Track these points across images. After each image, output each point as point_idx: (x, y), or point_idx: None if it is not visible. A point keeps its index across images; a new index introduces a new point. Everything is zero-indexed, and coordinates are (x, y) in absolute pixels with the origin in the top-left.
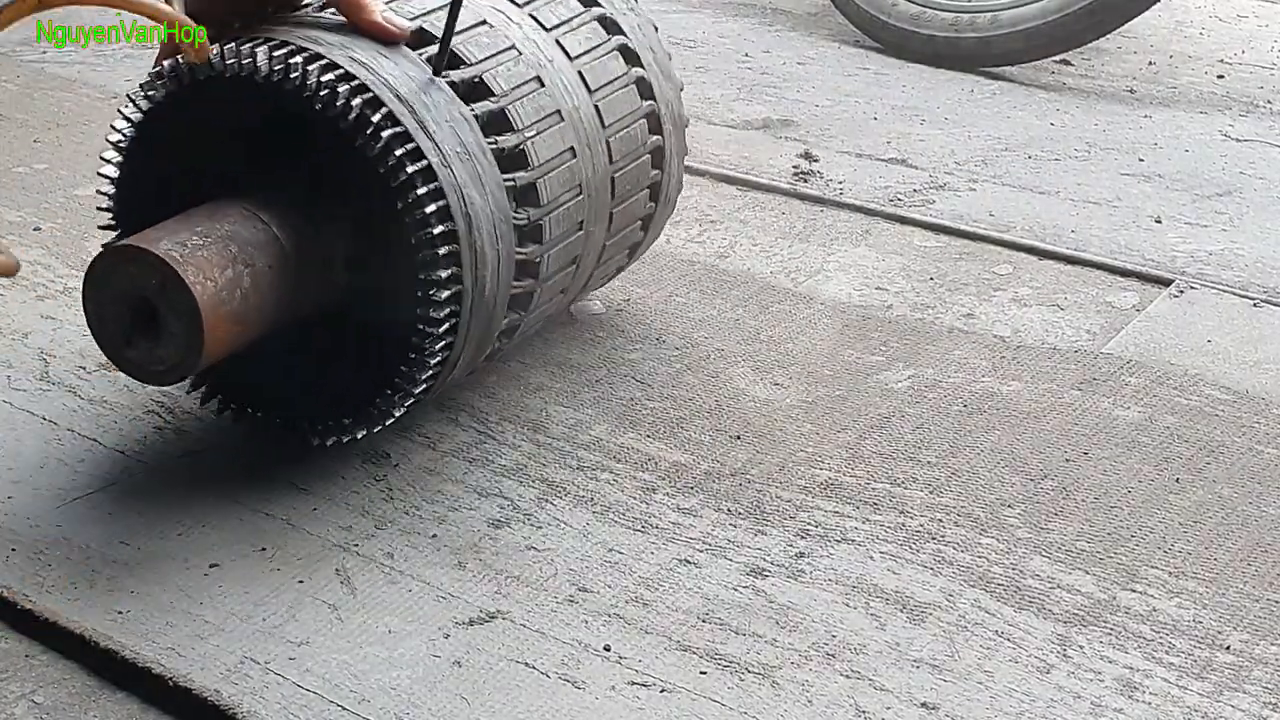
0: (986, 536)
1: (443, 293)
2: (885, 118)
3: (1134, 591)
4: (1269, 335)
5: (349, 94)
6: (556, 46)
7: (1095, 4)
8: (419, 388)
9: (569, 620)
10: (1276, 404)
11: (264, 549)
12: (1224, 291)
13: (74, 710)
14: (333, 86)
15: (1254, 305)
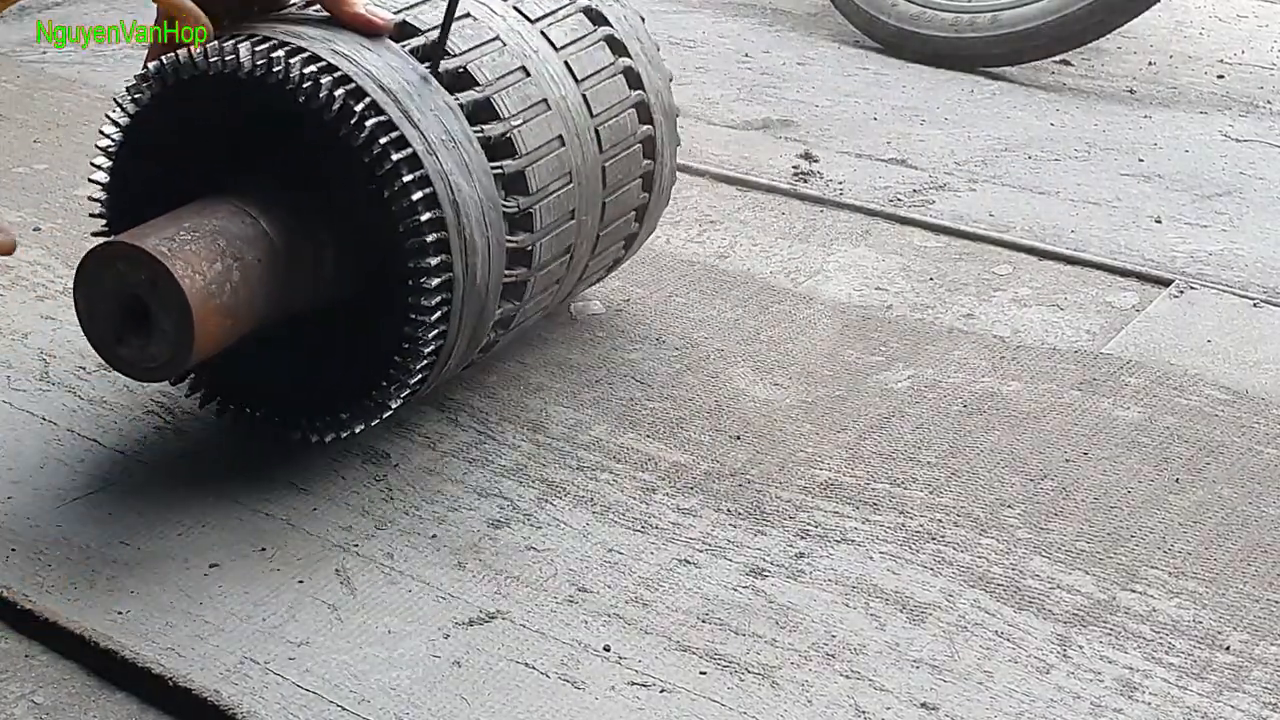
0: (986, 537)
1: (433, 280)
2: (885, 118)
3: (1134, 591)
4: (1269, 335)
5: (332, 85)
6: (541, 37)
7: (1095, 4)
8: (414, 379)
9: (569, 620)
10: (1276, 404)
11: (264, 549)
12: (1224, 291)
13: (74, 710)
14: (315, 79)
15: (1254, 305)
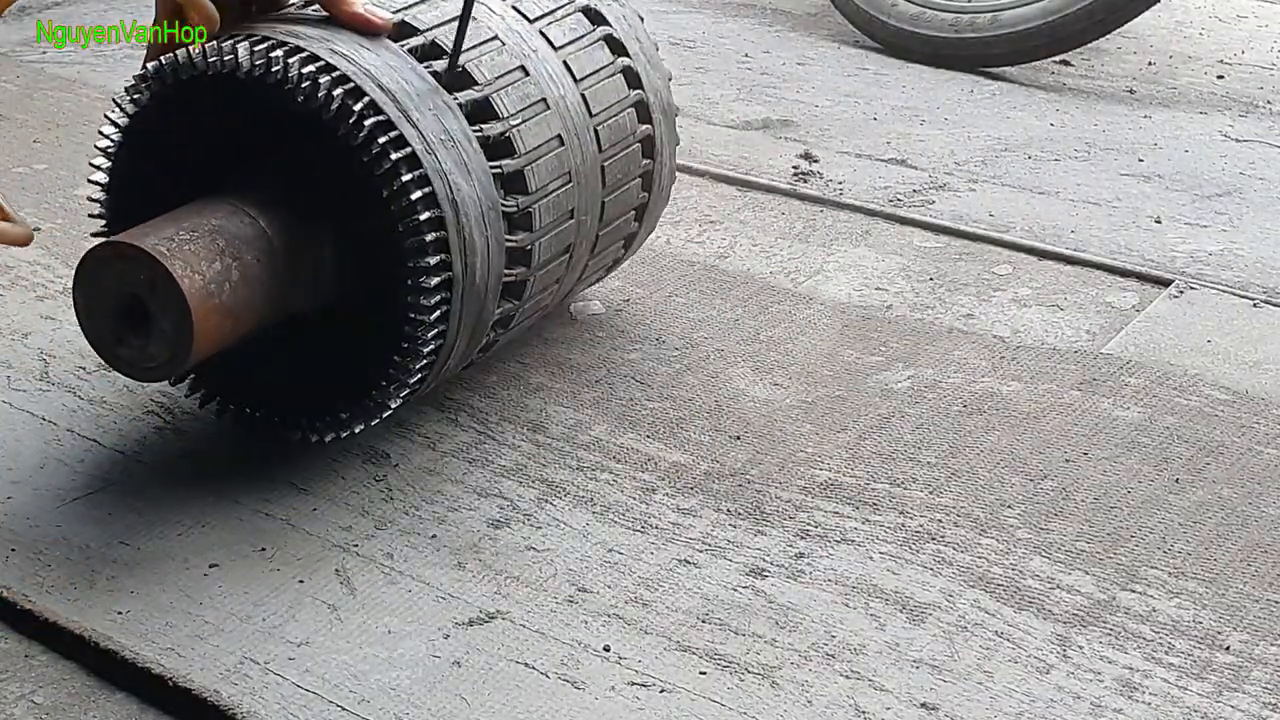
0: (986, 537)
1: (432, 280)
2: (885, 118)
3: (1134, 592)
4: (1269, 335)
5: (330, 85)
6: (540, 37)
7: (1095, 4)
8: (413, 378)
9: (569, 620)
10: (1276, 404)
11: (264, 549)
12: (1224, 291)
13: (74, 710)
14: (314, 78)
15: (1254, 305)
